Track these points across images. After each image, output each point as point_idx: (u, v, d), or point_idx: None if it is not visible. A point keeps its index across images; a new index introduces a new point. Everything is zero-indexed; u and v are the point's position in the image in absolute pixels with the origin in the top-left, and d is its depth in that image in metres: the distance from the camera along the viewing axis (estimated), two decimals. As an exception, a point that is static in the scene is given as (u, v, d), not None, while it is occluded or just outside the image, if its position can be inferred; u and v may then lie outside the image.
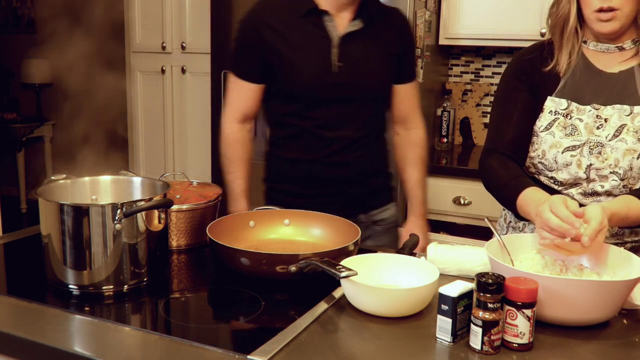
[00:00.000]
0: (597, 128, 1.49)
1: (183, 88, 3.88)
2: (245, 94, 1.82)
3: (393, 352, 1.09)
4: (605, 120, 1.48)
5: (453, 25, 3.07)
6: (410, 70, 1.88)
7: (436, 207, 2.87)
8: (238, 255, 1.36)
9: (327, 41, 1.71)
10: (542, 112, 1.54)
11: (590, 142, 1.49)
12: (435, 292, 1.19)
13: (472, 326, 1.09)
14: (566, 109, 1.51)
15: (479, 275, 1.10)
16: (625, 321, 1.23)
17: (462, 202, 2.85)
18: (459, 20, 3.06)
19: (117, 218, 1.28)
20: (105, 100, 5.01)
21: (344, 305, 1.26)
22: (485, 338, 1.08)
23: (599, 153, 1.48)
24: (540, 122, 1.54)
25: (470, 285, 1.12)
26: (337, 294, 1.30)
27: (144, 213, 1.31)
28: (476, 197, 2.82)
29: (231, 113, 1.86)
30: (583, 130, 1.49)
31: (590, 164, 1.48)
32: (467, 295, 1.12)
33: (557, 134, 1.51)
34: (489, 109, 3.28)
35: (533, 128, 1.55)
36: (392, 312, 1.21)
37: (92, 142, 5.14)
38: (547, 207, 1.27)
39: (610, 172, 1.48)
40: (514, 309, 1.09)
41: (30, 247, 1.57)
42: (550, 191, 1.50)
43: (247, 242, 1.55)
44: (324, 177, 1.79)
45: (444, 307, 1.11)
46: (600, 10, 1.42)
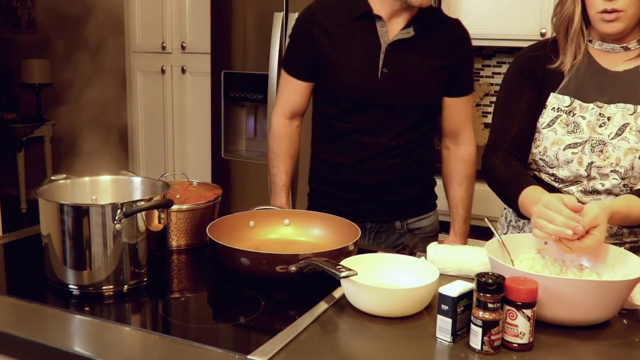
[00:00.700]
0: (600, 126, 1.49)
1: (183, 88, 3.89)
2: (294, 91, 1.84)
3: (393, 352, 1.09)
4: (608, 119, 1.48)
5: (453, 25, 3.06)
6: (464, 84, 1.82)
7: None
8: (238, 255, 1.36)
9: (376, 46, 1.71)
10: (545, 108, 1.54)
11: (592, 140, 1.49)
12: (435, 292, 1.19)
13: (472, 326, 1.09)
14: (569, 106, 1.51)
15: (479, 275, 1.10)
16: (625, 321, 1.23)
17: (462, 202, 2.84)
18: (459, 19, 3.05)
19: (117, 218, 1.28)
20: (105, 100, 5.02)
21: (344, 305, 1.26)
22: (485, 338, 1.08)
23: (601, 151, 1.48)
24: (543, 119, 1.54)
25: (470, 285, 1.12)
26: (337, 294, 1.30)
27: (144, 213, 1.31)
28: (476, 197, 2.81)
29: (280, 108, 1.88)
30: (585, 127, 1.49)
31: (592, 162, 1.48)
32: (467, 295, 1.12)
33: (559, 130, 1.51)
34: (489, 109, 3.28)
35: (536, 125, 1.55)
36: (392, 312, 1.21)
37: (92, 142, 5.14)
38: (544, 206, 1.27)
39: (611, 171, 1.48)
40: (514, 309, 1.09)
41: (30, 247, 1.56)
42: (551, 189, 1.50)
43: (247, 242, 1.55)
44: (359, 182, 1.79)
45: (444, 307, 1.11)
46: (604, 12, 1.43)
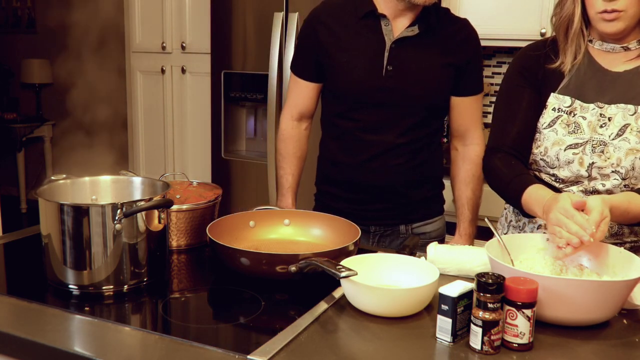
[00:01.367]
0: (601, 126, 1.49)
1: (183, 88, 3.89)
2: (301, 92, 1.86)
3: (393, 352, 1.09)
4: (609, 119, 1.48)
5: (453, 25, 3.06)
6: (471, 84, 1.80)
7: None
8: (238, 255, 1.36)
9: (380, 44, 1.71)
10: (545, 108, 1.54)
11: (593, 140, 1.49)
12: (435, 292, 1.19)
13: (472, 326, 1.09)
14: (570, 106, 1.51)
15: (479, 275, 1.10)
16: (625, 321, 1.23)
17: (462, 202, 2.84)
18: (459, 20, 3.05)
19: (117, 218, 1.28)
20: (105, 100, 5.02)
21: (344, 305, 1.26)
22: (485, 338, 1.08)
23: (602, 152, 1.48)
24: (543, 119, 1.54)
25: (470, 285, 1.12)
26: (337, 294, 1.30)
27: (144, 213, 1.31)
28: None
29: (288, 110, 1.90)
30: (586, 128, 1.49)
31: (593, 162, 1.48)
32: (467, 295, 1.12)
33: (560, 131, 1.51)
34: (489, 109, 3.28)
35: (537, 125, 1.55)
36: (392, 312, 1.21)
37: (92, 142, 5.15)
38: (559, 213, 1.27)
39: (612, 171, 1.48)
40: (514, 309, 1.09)
41: (30, 247, 1.57)
42: (552, 189, 1.50)
43: (247, 242, 1.55)
44: (364, 182, 1.78)
45: (444, 307, 1.11)
46: (604, 12, 1.43)
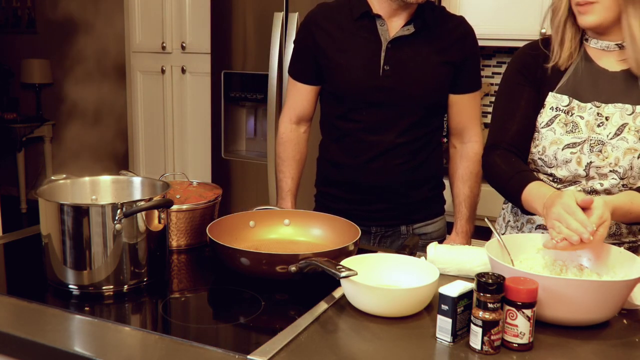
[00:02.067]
0: (598, 126, 1.49)
1: (183, 88, 3.89)
2: (299, 95, 1.87)
3: (393, 352, 1.09)
4: (607, 119, 1.48)
5: (453, 25, 3.06)
6: (469, 81, 1.80)
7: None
8: (238, 255, 1.36)
9: (376, 44, 1.71)
10: (544, 108, 1.54)
11: (590, 139, 1.49)
12: (435, 292, 1.19)
13: (472, 326, 1.09)
14: (567, 105, 1.52)
15: (479, 275, 1.10)
16: (625, 321, 1.23)
17: (462, 202, 2.84)
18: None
19: (117, 218, 1.28)
20: (105, 100, 5.02)
21: (344, 305, 1.26)
22: (485, 338, 1.08)
23: (600, 151, 1.48)
24: (542, 118, 1.54)
25: (470, 285, 1.12)
26: (337, 294, 1.30)
27: (144, 213, 1.31)
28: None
29: (287, 113, 1.91)
30: (584, 127, 1.49)
31: (590, 162, 1.48)
32: (467, 295, 1.12)
33: (558, 130, 1.51)
34: (489, 109, 3.28)
35: (535, 123, 1.55)
36: (392, 312, 1.21)
37: (91, 142, 5.15)
38: (562, 208, 1.26)
39: (610, 171, 1.48)
40: (514, 309, 1.09)
41: (30, 247, 1.57)
42: None
43: (247, 242, 1.55)
44: (365, 183, 1.78)
45: (444, 307, 1.11)
46: (577, 4, 1.44)
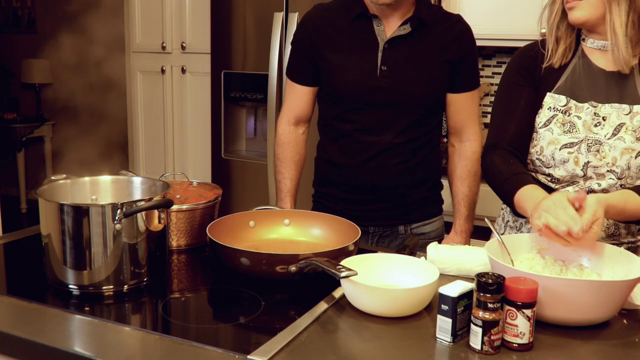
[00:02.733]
0: (595, 126, 1.49)
1: (183, 88, 3.89)
2: (297, 97, 1.87)
3: (393, 352, 1.09)
4: (604, 119, 1.49)
5: (453, 25, 3.06)
6: (467, 80, 1.80)
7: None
8: (238, 255, 1.36)
9: (373, 45, 1.71)
10: (542, 108, 1.54)
11: (588, 139, 1.49)
12: (435, 292, 1.19)
13: (472, 326, 1.09)
14: (565, 105, 1.52)
15: (479, 275, 1.10)
16: (625, 321, 1.23)
17: (462, 202, 2.84)
18: (459, 20, 3.05)
19: (117, 218, 1.28)
20: (105, 100, 5.02)
21: (344, 305, 1.26)
22: (485, 338, 1.08)
23: (597, 151, 1.48)
24: (539, 119, 1.54)
25: (470, 285, 1.12)
26: (337, 294, 1.30)
27: (144, 213, 1.31)
28: (476, 197, 2.82)
29: (285, 115, 1.91)
30: (581, 127, 1.50)
31: (588, 162, 1.49)
32: (467, 295, 1.12)
33: (556, 130, 1.51)
34: (489, 109, 3.28)
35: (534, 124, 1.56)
36: (392, 312, 1.21)
37: (91, 142, 5.15)
38: (552, 202, 1.27)
39: (608, 171, 1.48)
40: (514, 309, 1.09)
41: (30, 247, 1.57)
42: (548, 190, 1.50)
43: (247, 242, 1.55)
44: (363, 183, 1.78)
45: (444, 307, 1.11)
46: (566, 1, 1.45)
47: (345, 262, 1.30)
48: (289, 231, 1.61)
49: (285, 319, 1.19)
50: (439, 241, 1.86)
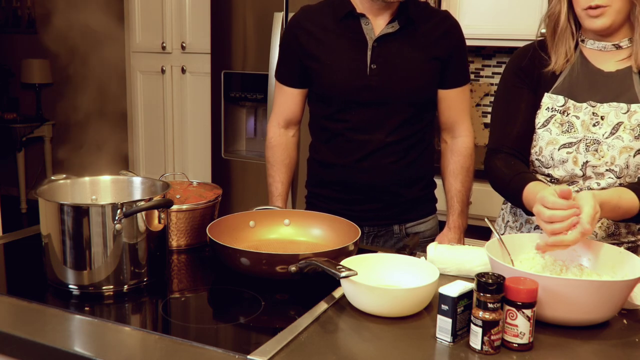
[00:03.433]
0: (594, 125, 1.49)
1: (183, 88, 3.89)
2: (287, 99, 1.86)
3: (393, 352, 1.09)
4: (602, 118, 1.49)
5: (453, 25, 3.06)
6: (457, 76, 1.79)
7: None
8: (238, 255, 1.36)
9: (362, 43, 1.71)
10: (540, 108, 1.54)
11: (586, 139, 1.49)
12: (435, 292, 1.19)
13: (472, 326, 1.09)
14: (563, 105, 1.52)
15: (479, 275, 1.10)
16: (625, 321, 1.23)
17: (462, 202, 2.84)
18: (459, 20, 3.00)
19: (117, 218, 1.28)
20: (105, 100, 5.02)
21: (344, 305, 1.26)
22: (485, 338, 1.08)
23: (596, 150, 1.48)
24: (538, 119, 1.54)
25: (470, 285, 1.12)
26: (337, 294, 1.30)
27: (144, 213, 1.31)
28: (476, 197, 2.81)
29: (275, 118, 1.90)
30: (579, 127, 1.50)
31: (587, 161, 1.49)
32: (467, 295, 1.12)
33: (554, 130, 1.52)
34: (489, 109, 3.28)
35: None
36: (392, 312, 1.21)
37: (91, 142, 5.14)
38: (539, 203, 1.28)
39: (607, 170, 1.48)
40: (514, 309, 1.09)
41: (30, 247, 1.57)
42: None
43: (247, 242, 1.55)
44: (356, 183, 1.78)
45: (444, 307, 1.11)
46: (589, 8, 1.43)
47: (345, 262, 1.30)
48: (289, 231, 1.61)
49: (285, 319, 1.19)
50: (432, 240, 1.84)
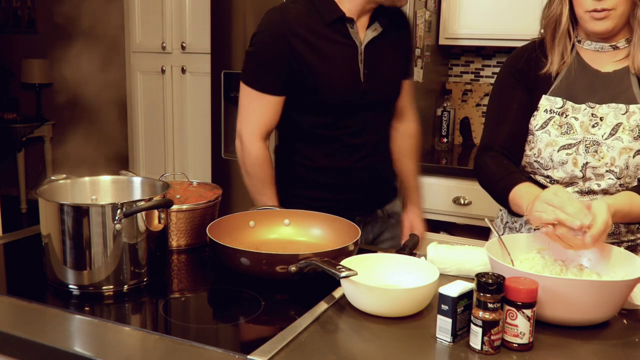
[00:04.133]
0: (593, 126, 1.49)
1: (183, 88, 3.88)
2: (270, 109, 1.72)
3: (393, 352, 1.09)
4: (601, 119, 1.49)
5: (453, 25, 3.07)
6: (410, 67, 1.93)
7: (436, 207, 2.87)
8: (238, 255, 1.36)
9: (353, 49, 1.70)
10: (537, 110, 1.54)
11: (586, 140, 1.49)
12: (435, 292, 1.19)
13: (472, 326, 1.09)
14: (561, 107, 1.52)
15: (479, 275, 1.10)
16: (625, 321, 1.24)
17: (462, 202, 2.85)
18: (459, 20, 3.06)
19: (117, 218, 1.28)
20: (105, 100, 5.02)
21: (344, 305, 1.26)
22: (485, 338, 1.08)
23: (595, 151, 1.48)
24: (536, 121, 1.54)
25: (470, 285, 1.12)
26: (337, 294, 1.30)
27: (144, 213, 1.31)
28: (476, 197, 2.82)
29: (255, 131, 1.74)
30: (578, 128, 1.50)
31: (587, 162, 1.49)
32: (467, 295, 1.12)
33: (553, 132, 1.52)
34: (489, 109, 3.28)
35: (528, 126, 1.56)
36: (392, 312, 1.21)
37: (91, 142, 5.14)
38: (553, 194, 1.28)
39: (607, 171, 1.48)
40: (514, 309, 1.09)
41: (30, 247, 1.57)
42: None
43: (247, 242, 1.55)
44: (351, 183, 1.80)
45: (444, 307, 1.11)
46: (594, 11, 1.43)
47: (345, 262, 1.30)
48: (289, 231, 1.61)
49: (285, 319, 1.19)
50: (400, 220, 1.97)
